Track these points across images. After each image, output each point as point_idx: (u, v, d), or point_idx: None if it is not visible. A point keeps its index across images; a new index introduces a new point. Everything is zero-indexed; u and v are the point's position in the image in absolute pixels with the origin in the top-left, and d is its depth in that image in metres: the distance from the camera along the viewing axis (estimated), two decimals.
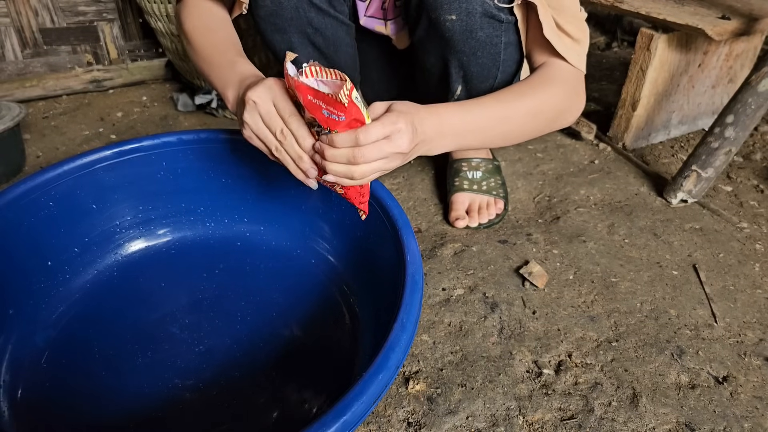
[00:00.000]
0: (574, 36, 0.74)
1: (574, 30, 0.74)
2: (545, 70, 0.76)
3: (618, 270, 0.87)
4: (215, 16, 0.77)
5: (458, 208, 0.97)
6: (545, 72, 0.75)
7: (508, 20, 0.76)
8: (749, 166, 1.17)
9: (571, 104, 0.78)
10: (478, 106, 0.69)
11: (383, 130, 0.56)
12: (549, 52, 0.75)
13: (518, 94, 0.72)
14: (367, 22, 0.91)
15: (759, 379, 0.70)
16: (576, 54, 0.75)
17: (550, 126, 0.78)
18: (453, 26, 0.75)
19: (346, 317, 0.75)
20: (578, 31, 0.75)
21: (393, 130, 0.57)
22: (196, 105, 1.39)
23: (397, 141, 0.57)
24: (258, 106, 0.60)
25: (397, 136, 0.57)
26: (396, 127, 0.57)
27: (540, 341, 0.74)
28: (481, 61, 0.79)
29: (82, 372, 0.67)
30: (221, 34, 0.75)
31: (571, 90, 0.76)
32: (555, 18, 0.73)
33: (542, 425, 0.63)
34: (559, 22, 0.73)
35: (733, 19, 1.04)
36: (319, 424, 0.42)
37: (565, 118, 0.78)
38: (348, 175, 0.57)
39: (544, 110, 0.74)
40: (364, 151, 0.55)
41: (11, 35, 1.41)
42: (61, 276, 0.77)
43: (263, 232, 0.88)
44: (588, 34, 0.77)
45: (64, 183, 0.76)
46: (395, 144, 0.57)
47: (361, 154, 0.55)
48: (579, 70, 0.76)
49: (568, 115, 0.78)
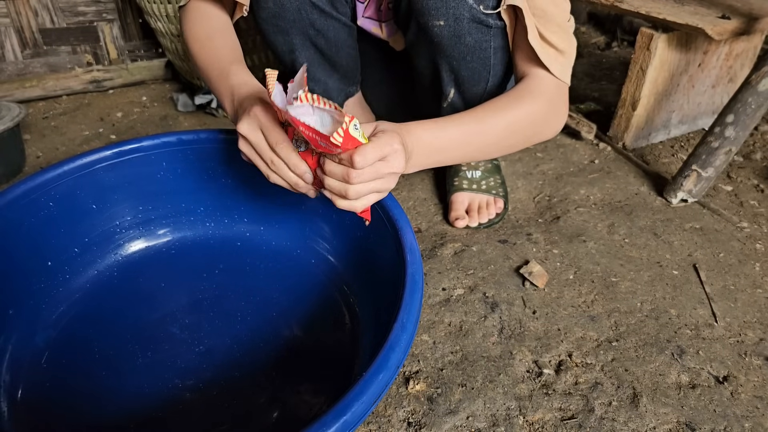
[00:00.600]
0: (559, 47, 0.73)
1: (558, 41, 0.72)
2: (527, 84, 0.74)
3: (618, 270, 0.87)
4: (215, 22, 0.77)
5: (458, 207, 0.97)
6: (526, 86, 0.74)
7: (497, 25, 0.75)
8: (749, 166, 1.17)
9: (550, 119, 0.77)
10: (452, 123, 0.68)
11: (380, 151, 0.56)
12: (533, 61, 0.74)
13: (496, 109, 0.71)
14: (364, 23, 0.91)
15: (759, 378, 0.70)
16: (560, 65, 0.73)
17: (529, 141, 0.77)
18: (441, 32, 0.74)
19: (346, 317, 0.75)
20: (563, 43, 0.73)
21: (390, 151, 0.57)
22: (195, 105, 1.39)
23: (393, 162, 0.57)
24: (248, 137, 0.61)
25: (393, 156, 0.57)
26: (393, 147, 0.57)
27: (540, 341, 0.74)
28: (471, 66, 0.79)
29: (83, 372, 0.67)
30: (219, 42, 0.75)
31: (551, 105, 0.75)
32: (540, 28, 0.71)
33: (542, 425, 0.63)
34: (543, 33, 0.71)
35: (733, 18, 1.04)
36: (319, 424, 0.42)
37: (543, 133, 0.77)
38: (342, 192, 0.57)
39: (522, 126, 0.73)
40: (360, 171, 0.56)
41: (11, 35, 1.41)
42: (61, 276, 0.77)
43: (263, 232, 0.88)
44: (575, 46, 0.75)
45: (64, 183, 0.76)
46: (391, 165, 0.57)
47: (356, 174, 0.56)
48: (563, 82, 0.75)
49: (546, 130, 0.77)
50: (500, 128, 0.71)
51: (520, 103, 0.72)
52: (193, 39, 0.76)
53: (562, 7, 0.73)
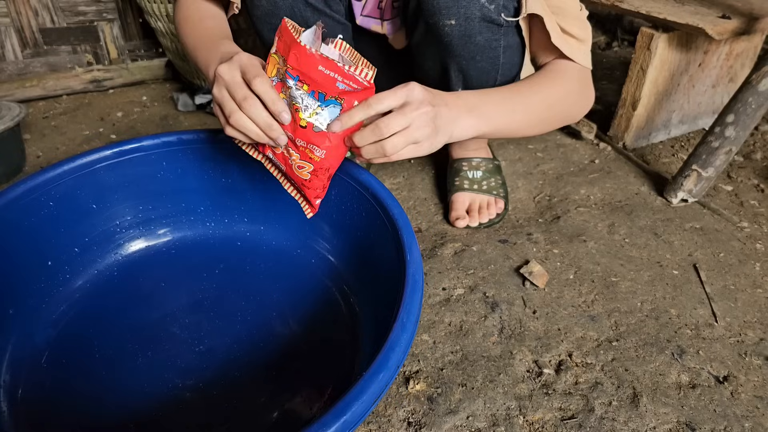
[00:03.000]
0: (579, 37, 0.76)
1: (577, 31, 0.76)
2: (554, 66, 0.77)
3: (618, 269, 0.87)
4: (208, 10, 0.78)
5: (458, 207, 0.97)
6: (555, 67, 0.77)
7: (508, 24, 0.76)
8: (750, 166, 1.17)
9: (581, 100, 0.80)
10: (494, 91, 0.71)
11: (395, 95, 0.56)
12: (555, 52, 0.77)
13: (532, 84, 0.75)
14: (363, 21, 0.91)
15: (759, 378, 0.70)
16: (582, 53, 0.77)
17: (562, 119, 0.81)
18: (452, 31, 0.74)
19: (346, 317, 0.75)
20: (581, 31, 0.77)
21: (406, 92, 0.57)
22: (196, 105, 1.39)
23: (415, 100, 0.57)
24: (224, 76, 0.58)
25: (412, 95, 0.57)
26: (408, 87, 0.57)
27: (540, 341, 0.74)
28: (480, 65, 0.79)
29: (83, 372, 0.67)
30: (210, 23, 0.76)
31: (581, 85, 0.79)
32: (559, 23, 0.74)
33: (543, 425, 0.63)
34: (563, 26, 0.75)
35: (734, 18, 1.04)
36: (319, 424, 0.42)
37: (574, 113, 0.81)
38: (380, 152, 0.57)
39: (558, 102, 0.76)
40: (388, 120, 0.55)
41: (11, 35, 1.41)
42: (62, 276, 0.77)
43: (263, 231, 0.88)
44: (590, 31, 0.78)
45: (65, 183, 0.76)
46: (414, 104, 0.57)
47: (384, 124, 0.56)
48: (586, 67, 0.78)
49: (576, 110, 0.81)
50: (538, 101, 0.74)
51: (554, 81, 0.76)
52: (184, 20, 0.77)
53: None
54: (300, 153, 0.61)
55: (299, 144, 0.60)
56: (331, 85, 0.55)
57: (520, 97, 0.72)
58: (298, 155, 0.61)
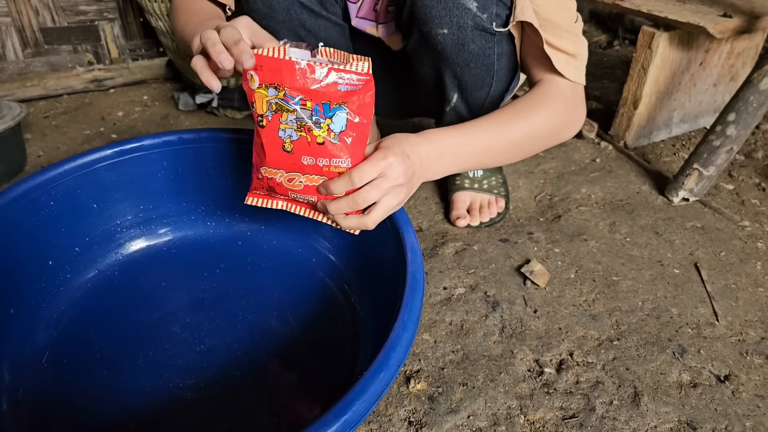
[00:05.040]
0: (570, 52, 0.74)
1: (569, 46, 0.73)
2: (542, 88, 0.76)
3: (619, 269, 0.87)
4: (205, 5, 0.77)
5: (459, 206, 0.97)
6: (542, 90, 0.75)
7: (501, 32, 0.75)
8: (751, 165, 1.17)
9: (569, 120, 0.78)
10: (473, 128, 0.70)
11: (375, 168, 0.57)
12: (546, 66, 0.75)
13: (515, 114, 0.73)
14: (358, 23, 0.91)
15: (761, 377, 0.70)
16: (573, 68, 0.75)
17: (550, 143, 0.79)
18: (445, 40, 0.74)
19: (347, 316, 0.75)
20: (574, 46, 0.74)
21: (384, 165, 0.58)
22: (197, 104, 1.39)
23: (392, 174, 0.58)
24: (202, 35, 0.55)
25: (390, 170, 0.58)
26: (387, 162, 0.58)
27: (541, 340, 0.74)
28: (474, 72, 0.79)
29: (83, 371, 0.67)
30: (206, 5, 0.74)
31: (568, 107, 0.76)
32: (548, 38, 0.72)
33: (543, 424, 0.63)
34: (552, 41, 0.72)
35: (735, 17, 1.04)
36: (319, 424, 0.42)
37: (563, 134, 0.79)
38: (362, 226, 0.61)
39: (541, 131, 0.74)
40: (364, 193, 0.57)
41: (12, 35, 1.41)
42: (62, 275, 0.77)
43: (264, 231, 0.88)
44: (586, 46, 0.76)
45: (65, 182, 0.76)
46: (391, 178, 0.58)
47: (362, 198, 0.57)
48: (577, 84, 0.76)
49: (566, 131, 0.79)
50: (520, 134, 0.73)
51: (537, 109, 0.74)
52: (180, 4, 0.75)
53: (568, 9, 0.74)
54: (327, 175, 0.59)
55: (322, 164, 0.58)
56: (334, 90, 0.55)
57: (501, 131, 0.71)
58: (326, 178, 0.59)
